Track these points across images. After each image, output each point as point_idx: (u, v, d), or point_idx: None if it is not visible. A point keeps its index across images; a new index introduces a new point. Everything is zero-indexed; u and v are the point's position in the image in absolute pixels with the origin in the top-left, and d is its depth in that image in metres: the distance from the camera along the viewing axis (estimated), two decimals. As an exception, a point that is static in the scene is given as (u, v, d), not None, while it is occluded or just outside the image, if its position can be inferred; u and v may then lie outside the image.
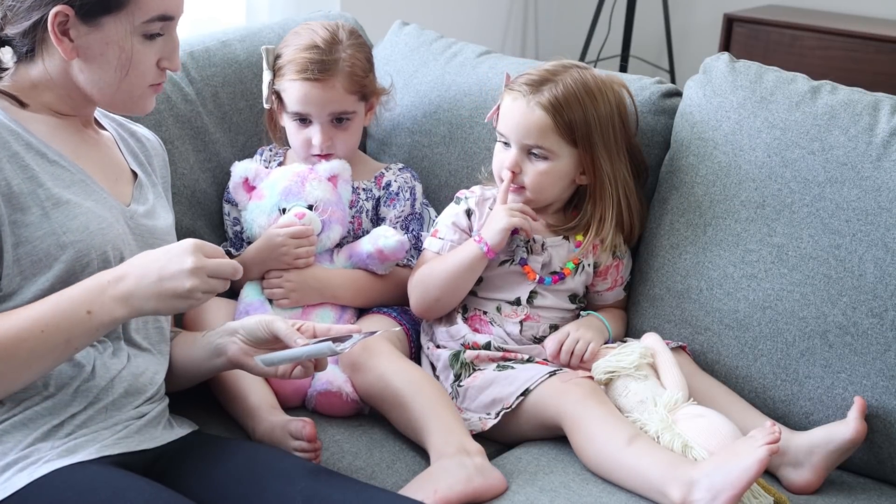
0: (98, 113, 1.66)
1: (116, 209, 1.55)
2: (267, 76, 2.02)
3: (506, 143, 1.89)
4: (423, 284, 1.90)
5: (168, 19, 1.52)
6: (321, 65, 1.97)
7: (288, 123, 2.04)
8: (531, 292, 1.91)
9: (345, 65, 1.99)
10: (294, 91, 1.99)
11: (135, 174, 1.65)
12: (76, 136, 1.57)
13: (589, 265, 1.93)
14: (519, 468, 1.70)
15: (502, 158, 1.89)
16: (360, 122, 2.05)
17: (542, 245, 1.91)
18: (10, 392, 1.42)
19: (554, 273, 1.91)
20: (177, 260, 1.38)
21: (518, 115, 1.86)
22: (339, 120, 2.01)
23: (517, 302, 1.91)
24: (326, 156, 2.02)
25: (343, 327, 1.58)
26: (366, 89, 2.03)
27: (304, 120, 2.01)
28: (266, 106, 2.05)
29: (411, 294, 1.92)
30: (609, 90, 1.89)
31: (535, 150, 1.86)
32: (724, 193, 1.90)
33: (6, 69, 1.53)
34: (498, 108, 1.93)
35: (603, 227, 1.90)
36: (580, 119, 1.84)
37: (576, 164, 1.88)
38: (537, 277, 1.90)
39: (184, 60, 2.07)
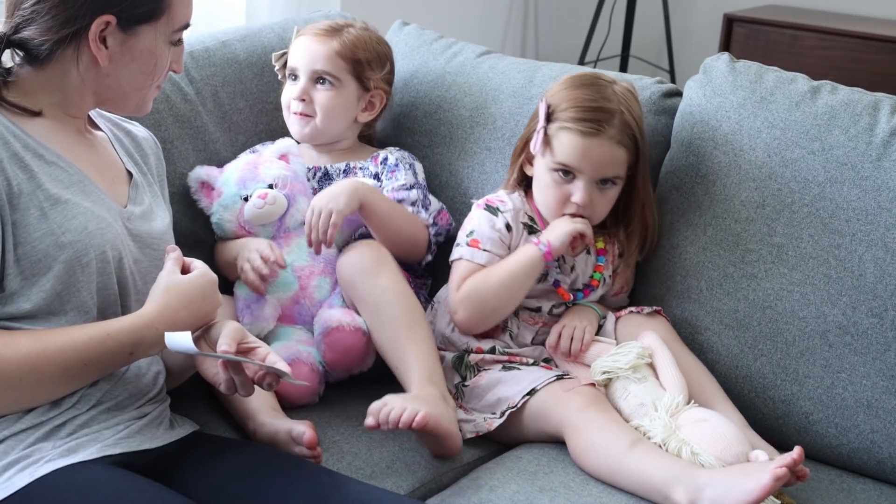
0: (93, 112, 1.66)
1: (114, 210, 1.55)
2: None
3: (566, 173, 1.83)
4: (476, 296, 1.84)
5: (188, 27, 1.59)
6: (328, 26, 2.04)
7: None
8: (553, 305, 1.91)
9: (348, 35, 2.04)
10: (294, 48, 2.05)
11: (130, 174, 1.65)
12: (73, 137, 1.57)
13: (609, 276, 1.95)
14: (519, 468, 1.70)
15: (565, 191, 1.84)
16: (345, 97, 2.04)
17: (572, 267, 1.91)
18: (39, 405, 1.45)
19: (581, 288, 1.92)
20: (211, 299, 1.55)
21: (599, 152, 1.81)
22: (322, 81, 2.02)
23: (538, 310, 1.91)
24: (304, 115, 2.03)
25: (280, 365, 1.49)
26: (360, 66, 2.03)
27: (294, 78, 2.05)
28: (275, 67, 2.10)
29: (460, 309, 1.85)
30: (637, 98, 1.91)
31: (606, 179, 1.84)
32: (724, 193, 1.90)
33: (9, 69, 1.53)
34: (545, 137, 1.84)
35: (633, 239, 1.92)
36: (641, 142, 1.85)
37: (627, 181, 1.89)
38: (571, 298, 1.91)
39: (184, 60, 2.06)
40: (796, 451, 1.53)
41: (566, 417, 1.71)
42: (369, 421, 1.65)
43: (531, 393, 1.77)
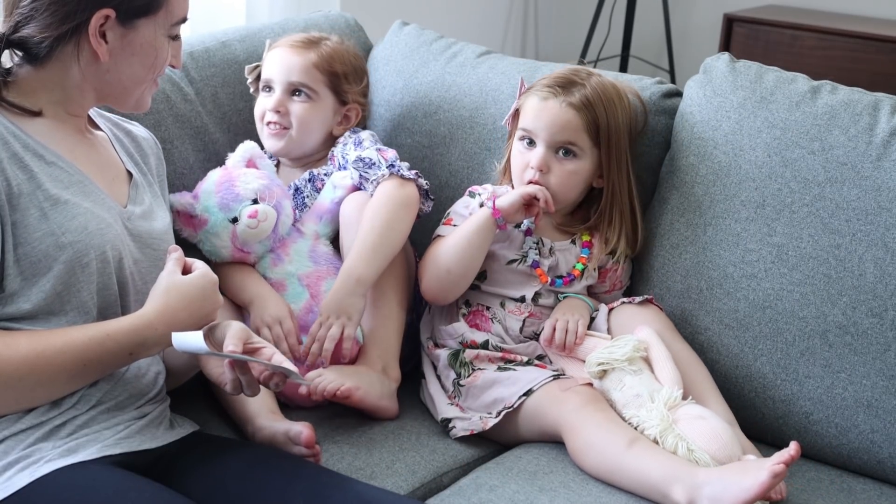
0: (93, 112, 1.66)
1: (114, 210, 1.55)
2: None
3: (530, 143, 1.90)
4: (433, 260, 1.90)
5: (186, 20, 1.59)
6: (304, 39, 2.04)
7: None
8: (536, 292, 1.91)
9: (326, 47, 2.03)
10: (269, 60, 2.04)
11: (130, 174, 1.65)
12: (73, 136, 1.57)
13: (594, 269, 1.94)
14: (519, 468, 1.70)
15: (527, 158, 1.90)
16: (322, 110, 2.02)
17: (551, 249, 1.92)
18: (39, 405, 1.45)
19: (562, 276, 1.93)
20: (211, 300, 1.55)
21: (551, 113, 1.87)
22: (298, 93, 2.01)
23: (522, 300, 1.91)
24: (280, 128, 2.00)
25: (286, 365, 1.50)
26: (337, 79, 2.02)
27: (269, 89, 2.03)
28: (248, 80, 2.08)
29: (422, 276, 1.91)
30: (625, 97, 1.94)
31: (565, 148, 1.87)
32: (724, 193, 1.90)
33: (8, 69, 1.53)
34: (516, 111, 1.94)
35: (613, 231, 1.93)
36: (605, 120, 1.87)
37: (596, 165, 1.90)
38: (549, 280, 1.91)
39: (184, 60, 2.06)
40: (793, 447, 1.53)
41: (563, 417, 1.72)
42: (302, 389, 1.77)
43: (528, 393, 1.77)
